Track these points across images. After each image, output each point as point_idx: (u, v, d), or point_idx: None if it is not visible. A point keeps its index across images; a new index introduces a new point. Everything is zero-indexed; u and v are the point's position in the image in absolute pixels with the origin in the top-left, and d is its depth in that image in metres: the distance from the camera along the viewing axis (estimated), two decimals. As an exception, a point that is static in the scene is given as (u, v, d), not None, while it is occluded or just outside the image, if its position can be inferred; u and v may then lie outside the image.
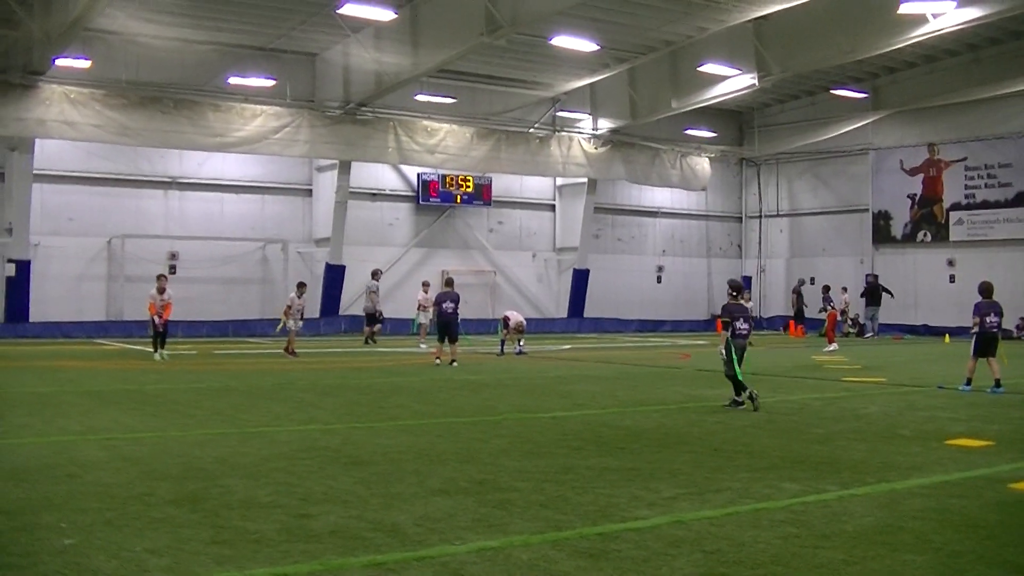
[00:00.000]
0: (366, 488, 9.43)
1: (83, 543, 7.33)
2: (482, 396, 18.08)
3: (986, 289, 19.42)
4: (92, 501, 8.73)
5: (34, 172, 34.99)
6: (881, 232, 47.65)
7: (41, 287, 35.74)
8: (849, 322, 45.10)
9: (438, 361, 25.11)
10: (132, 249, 37.40)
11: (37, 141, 34.65)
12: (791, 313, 47.08)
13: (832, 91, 44.68)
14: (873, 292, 43.51)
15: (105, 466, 10.42)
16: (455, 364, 24.96)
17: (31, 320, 35.52)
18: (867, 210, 48.21)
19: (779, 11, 32.52)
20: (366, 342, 34.26)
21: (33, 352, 28.30)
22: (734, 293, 16.72)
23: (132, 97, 34.95)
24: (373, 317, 35.19)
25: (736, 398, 16.01)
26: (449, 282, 27.45)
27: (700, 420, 14.80)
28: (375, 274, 36.89)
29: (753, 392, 15.76)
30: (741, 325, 16.02)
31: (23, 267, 35.06)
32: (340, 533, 7.70)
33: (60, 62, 32.89)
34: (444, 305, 25.50)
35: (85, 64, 33.72)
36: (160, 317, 25.88)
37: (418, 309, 33.82)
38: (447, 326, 25.55)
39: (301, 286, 29.47)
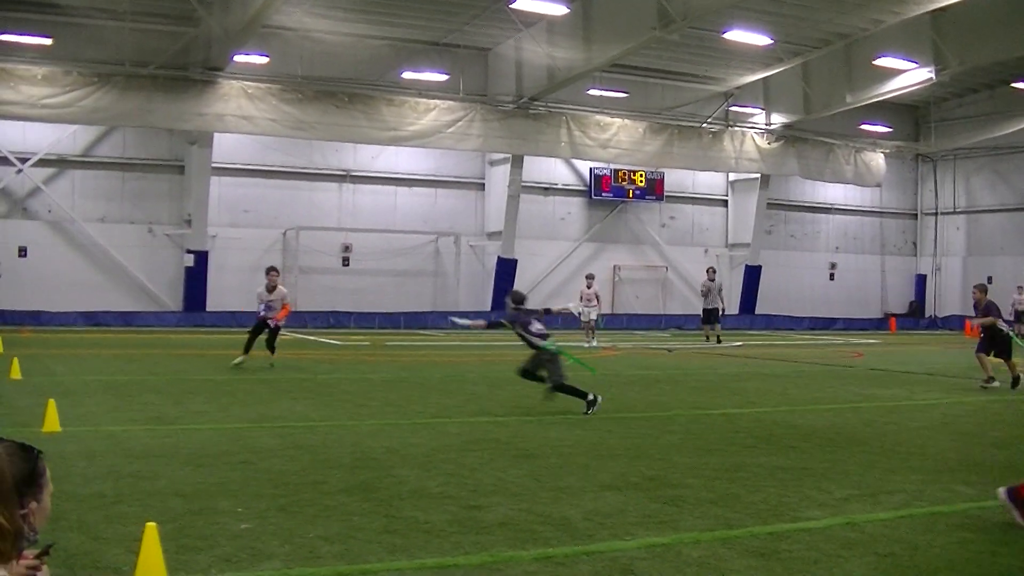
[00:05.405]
0: (535, 481, 9.38)
1: (258, 528, 7.43)
2: (653, 392, 17.94)
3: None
4: (266, 487, 8.86)
5: (212, 165, 35.94)
6: (1066, 230, 45.93)
7: (218, 277, 36.72)
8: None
9: None
10: (306, 241, 38.20)
11: (215, 135, 35.52)
12: (970, 312, 45.40)
13: (1013, 84, 43.18)
14: None
15: (279, 453, 10.58)
16: None
17: (208, 309, 36.58)
18: (1050, 207, 46.52)
19: (957, 2, 31.59)
20: (707, 339, 33.65)
21: (210, 341, 29.01)
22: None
23: (307, 92, 35.64)
24: (714, 313, 34.32)
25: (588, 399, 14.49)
26: None
27: (873, 420, 14.42)
28: (710, 272, 36.33)
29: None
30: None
31: (201, 258, 36.13)
32: (510, 525, 7.66)
33: (238, 58, 33.78)
34: None
35: (262, 60, 34.59)
36: (272, 318, 21.52)
37: (580, 301, 30.76)
38: None
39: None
